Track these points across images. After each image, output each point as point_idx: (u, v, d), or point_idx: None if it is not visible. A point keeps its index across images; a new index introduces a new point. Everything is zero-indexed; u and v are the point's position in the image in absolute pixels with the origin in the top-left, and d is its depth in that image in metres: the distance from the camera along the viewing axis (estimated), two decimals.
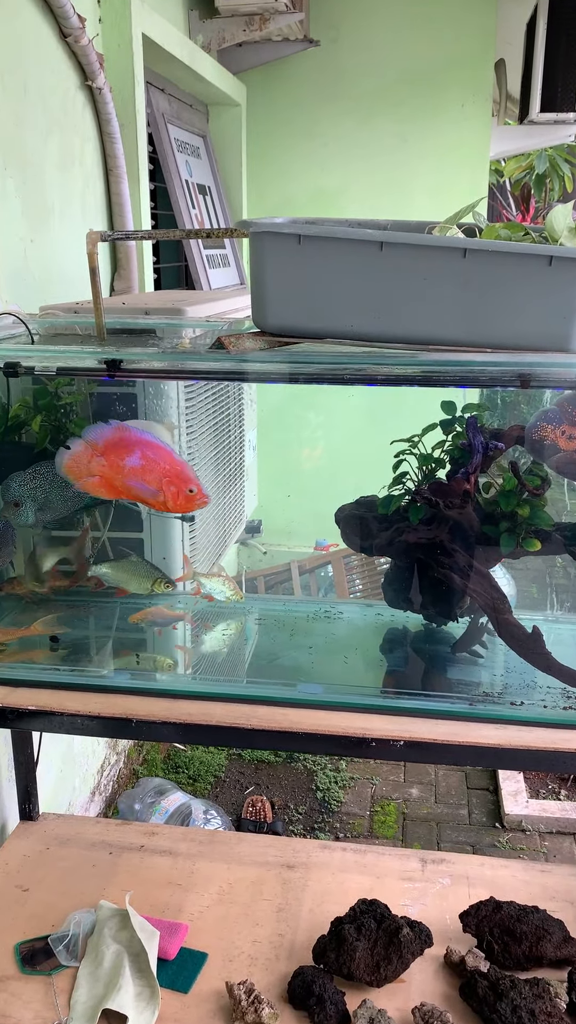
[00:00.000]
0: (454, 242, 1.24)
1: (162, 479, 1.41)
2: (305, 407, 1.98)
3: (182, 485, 1.42)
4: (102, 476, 1.44)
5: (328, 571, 2.28)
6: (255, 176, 4.35)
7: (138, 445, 1.42)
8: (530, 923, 1.71)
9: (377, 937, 1.67)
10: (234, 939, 1.79)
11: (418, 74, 4.21)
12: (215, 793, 3.25)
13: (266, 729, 1.32)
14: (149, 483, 1.43)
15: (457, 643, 1.55)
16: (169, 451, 1.44)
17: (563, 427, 1.35)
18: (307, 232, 1.25)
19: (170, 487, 1.42)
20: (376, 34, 4.18)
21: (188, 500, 1.43)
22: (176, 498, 1.43)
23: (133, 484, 1.43)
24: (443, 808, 3.19)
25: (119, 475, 1.43)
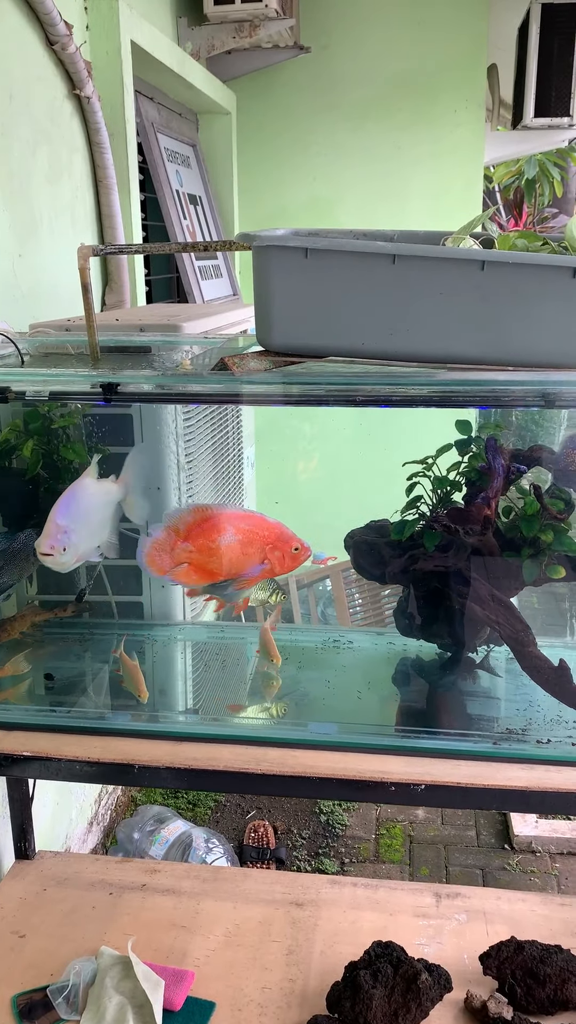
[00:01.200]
0: (472, 254, 1.17)
1: (265, 548, 1.32)
2: (301, 419, 1.91)
3: (287, 546, 1.34)
4: (192, 563, 1.35)
5: (327, 585, 2.21)
6: (247, 186, 4.29)
7: (226, 521, 1.33)
8: (554, 964, 1.63)
9: (394, 984, 1.58)
10: (242, 986, 1.70)
11: (410, 80, 4.16)
12: (216, 818, 3.16)
13: (277, 774, 1.24)
14: (252, 556, 1.33)
15: (441, 670, 1.48)
16: (259, 516, 1.35)
17: None
18: (314, 245, 1.17)
19: (275, 552, 1.34)
20: (367, 40, 4.13)
21: (295, 559, 1.35)
22: (283, 562, 1.34)
23: (236, 564, 1.34)
24: (450, 830, 3.10)
25: (213, 558, 1.33)
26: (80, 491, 1.39)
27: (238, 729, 1.37)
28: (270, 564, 1.32)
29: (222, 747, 1.29)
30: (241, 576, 1.35)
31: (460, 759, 1.26)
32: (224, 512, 1.34)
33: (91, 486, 1.41)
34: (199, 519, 1.34)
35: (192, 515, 1.35)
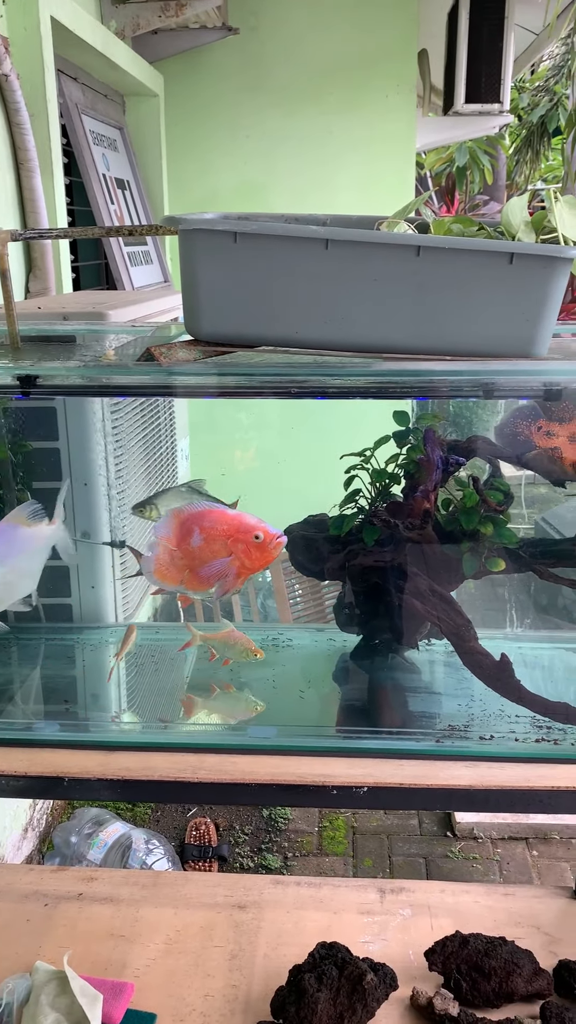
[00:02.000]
0: (407, 239, 1.13)
1: (226, 543, 1.23)
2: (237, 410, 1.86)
3: (247, 536, 1.23)
4: (190, 571, 1.26)
5: (267, 577, 2.17)
6: (176, 170, 4.19)
7: (192, 520, 1.24)
8: (499, 957, 1.61)
9: (340, 986, 1.55)
10: (184, 995, 1.65)
11: (341, 64, 4.11)
12: (156, 817, 3.10)
13: (216, 782, 1.19)
14: (219, 555, 1.24)
15: (352, 654, 1.45)
16: (218, 508, 1.26)
17: (540, 423, 1.26)
18: (243, 229, 1.12)
19: (237, 545, 1.23)
20: (297, 22, 4.07)
21: (262, 550, 1.24)
22: (249, 555, 1.24)
23: (207, 566, 1.25)
24: (393, 819, 3.10)
25: (195, 561, 1.24)
26: (6, 540, 1.28)
27: (174, 736, 1.32)
28: (237, 558, 1.25)
29: (157, 755, 1.23)
30: (218, 578, 1.25)
31: (403, 758, 1.23)
32: (192, 512, 1.26)
33: (20, 533, 1.30)
34: (179, 523, 1.26)
35: (174, 519, 1.26)
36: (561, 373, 1.17)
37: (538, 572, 1.31)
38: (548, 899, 1.88)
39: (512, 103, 9.10)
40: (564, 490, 1.35)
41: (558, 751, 1.23)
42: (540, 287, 1.11)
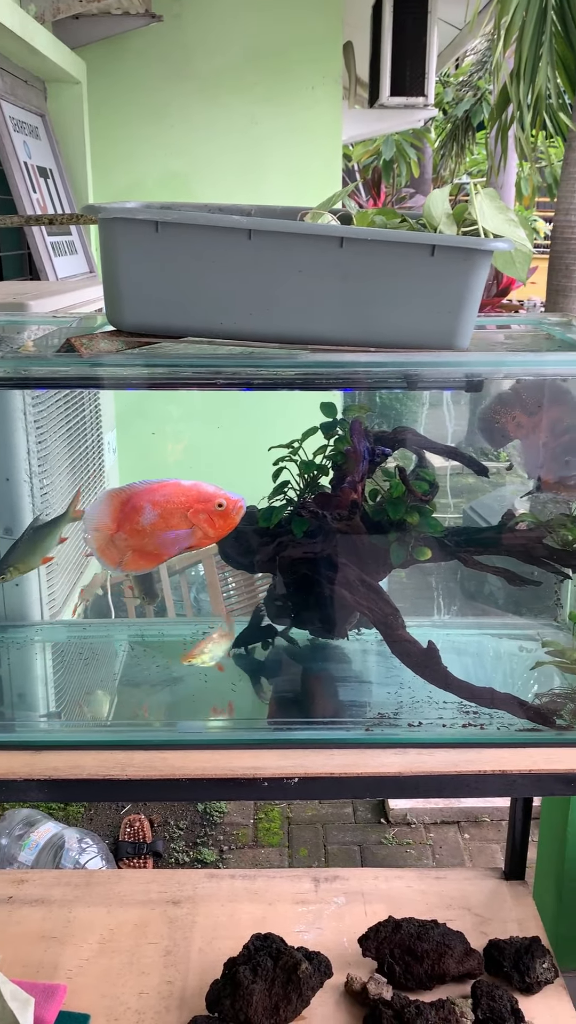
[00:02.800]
0: (330, 230, 1.13)
1: (187, 513, 1.22)
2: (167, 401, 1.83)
3: (208, 506, 1.22)
4: (134, 551, 1.24)
5: (200, 570, 2.15)
6: (100, 158, 4.11)
7: (140, 498, 1.22)
8: (431, 940, 1.64)
9: (274, 976, 1.56)
10: (118, 994, 1.64)
11: (266, 55, 4.09)
12: (89, 816, 3.06)
13: (145, 779, 1.17)
14: (179, 527, 1.22)
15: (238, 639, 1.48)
16: (172, 482, 1.24)
17: (515, 413, 1.29)
18: (164, 218, 1.10)
19: (199, 516, 1.22)
20: (221, 11, 4.03)
21: (225, 516, 1.23)
22: (212, 523, 1.22)
23: (165, 541, 1.23)
24: (328, 808, 3.12)
25: (146, 539, 1.22)
26: None
27: (102, 734, 1.30)
28: (200, 529, 1.23)
29: (85, 754, 1.21)
30: (180, 549, 1.25)
31: (333, 748, 1.23)
32: (137, 489, 1.24)
33: None
34: (120, 504, 1.24)
35: (110, 503, 1.25)
36: (482, 364, 1.19)
37: (463, 560, 1.33)
38: (478, 881, 1.92)
39: (437, 97, 9.20)
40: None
41: (484, 736, 1.25)
42: (461, 279, 1.12)
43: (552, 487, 1.30)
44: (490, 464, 1.48)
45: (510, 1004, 1.54)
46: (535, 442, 1.33)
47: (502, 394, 1.41)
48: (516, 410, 1.39)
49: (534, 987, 1.62)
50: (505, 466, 1.41)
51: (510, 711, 1.26)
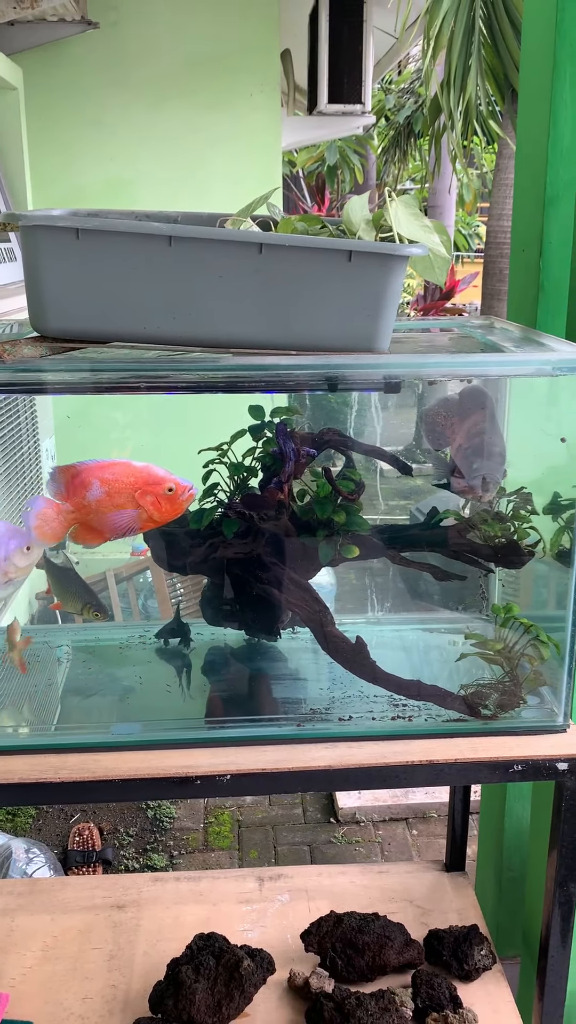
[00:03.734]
0: (249, 236, 1.15)
1: (133, 495, 1.22)
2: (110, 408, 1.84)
3: (158, 489, 1.23)
4: (80, 525, 1.24)
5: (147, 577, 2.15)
6: (39, 166, 4.09)
7: (89, 473, 1.22)
8: (371, 932, 1.67)
9: (217, 974, 1.57)
10: (62, 999, 1.64)
11: (205, 62, 4.11)
12: (38, 826, 3.04)
13: (78, 781, 1.18)
14: (124, 507, 1.23)
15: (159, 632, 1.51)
16: (124, 462, 1.24)
17: (450, 417, 1.33)
18: (86, 226, 1.12)
19: (146, 498, 1.22)
20: (159, 19, 4.04)
21: (173, 501, 1.23)
22: (159, 507, 1.23)
23: (109, 519, 1.23)
24: (278, 810, 3.14)
25: (91, 515, 1.23)
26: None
27: (34, 738, 1.31)
28: (146, 512, 1.24)
29: (16, 758, 1.21)
30: (122, 529, 1.26)
31: (266, 744, 1.25)
32: (88, 465, 1.25)
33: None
34: (70, 478, 1.26)
35: (63, 475, 1.26)
36: (399, 366, 1.22)
37: (390, 557, 1.36)
38: (420, 874, 1.96)
39: (379, 104, 9.32)
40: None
41: (412, 727, 1.28)
42: (378, 283, 1.15)
43: (464, 491, 1.34)
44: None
45: (448, 991, 1.58)
46: (457, 444, 1.37)
47: (443, 397, 1.45)
48: (449, 414, 1.43)
49: (472, 974, 1.66)
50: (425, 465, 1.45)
51: (437, 703, 1.29)
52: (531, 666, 1.31)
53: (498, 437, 1.37)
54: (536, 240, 1.58)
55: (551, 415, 1.32)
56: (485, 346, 1.41)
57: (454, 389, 1.53)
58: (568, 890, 1.32)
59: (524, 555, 1.35)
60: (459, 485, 1.34)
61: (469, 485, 1.31)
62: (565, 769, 1.25)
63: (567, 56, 1.50)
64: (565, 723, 1.30)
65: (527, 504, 1.36)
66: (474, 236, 11.13)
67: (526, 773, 1.25)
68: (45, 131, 4.09)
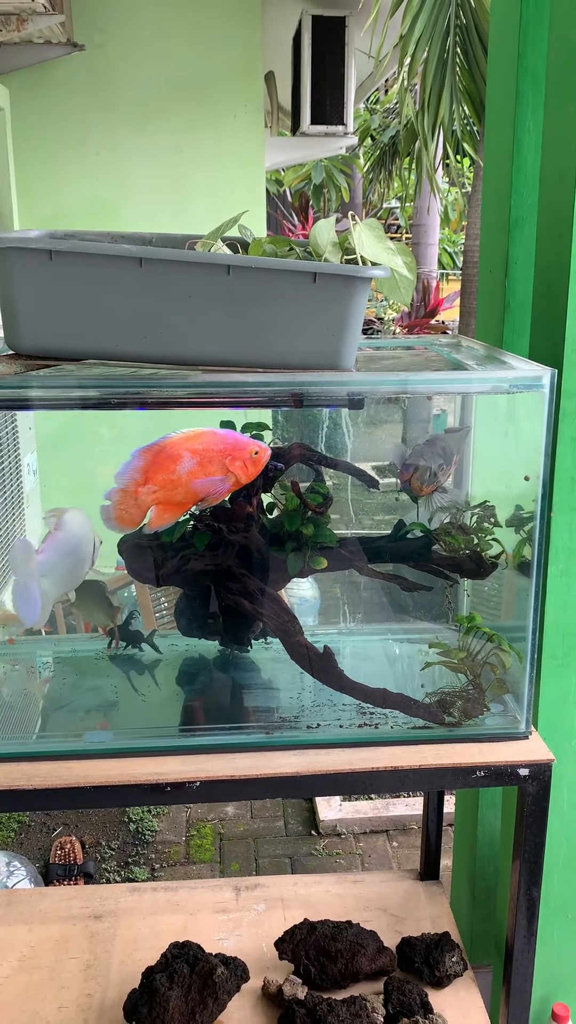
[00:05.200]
0: (216, 258, 1.19)
1: (224, 461, 1.27)
2: (95, 424, 1.87)
3: (245, 453, 1.27)
4: (160, 503, 1.28)
5: (131, 591, 2.18)
6: (25, 185, 4.15)
7: (175, 448, 1.27)
8: (344, 940, 1.69)
9: (191, 982, 1.59)
10: (38, 1009, 1.65)
11: (189, 83, 4.18)
12: (20, 840, 3.04)
13: (50, 788, 1.21)
14: (215, 474, 1.28)
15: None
16: (208, 431, 1.29)
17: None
18: (59, 248, 1.15)
19: (235, 463, 1.27)
20: (143, 41, 4.11)
21: (256, 463, 1.29)
22: (246, 470, 1.28)
23: (199, 486, 1.27)
24: (259, 823, 3.16)
25: (179, 488, 1.27)
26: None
27: (7, 747, 1.33)
28: (234, 476, 1.28)
29: None
30: (211, 496, 1.30)
31: (235, 752, 1.28)
32: (172, 440, 1.29)
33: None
34: (153, 456, 1.29)
35: (141, 459, 1.29)
36: (363, 384, 1.26)
37: (358, 568, 1.40)
38: (394, 883, 1.98)
39: (365, 124, 9.44)
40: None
41: (378, 735, 1.31)
42: (342, 304, 1.19)
43: (415, 488, 1.38)
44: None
45: (420, 997, 1.60)
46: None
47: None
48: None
49: (444, 980, 1.68)
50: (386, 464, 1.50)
51: (402, 710, 1.33)
52: (494, 674, 1.35)
53: (445, 438, 1.42)
54: (502, 261, 1.63)
55: (509, 431, 1.37)
56: (451, 364, 1.45)
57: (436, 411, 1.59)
58: (532, 893, 1.35)
59: (488, 566, 1.38)
60: (403, 476, 1.38)
61: (410, 475, 1.36)
62: (526, 775, 1.28)
63: (529, 85, 1.55)
64: (527, 730, 1.34)
65: (491, 517, 1.40)
66: (459, 254, 11.26)
67: (488, 778, 1.28)
68: (31, 151, 4.14)
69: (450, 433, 1.52)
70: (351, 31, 4.27)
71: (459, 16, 3.07)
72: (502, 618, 1.56)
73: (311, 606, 1.91)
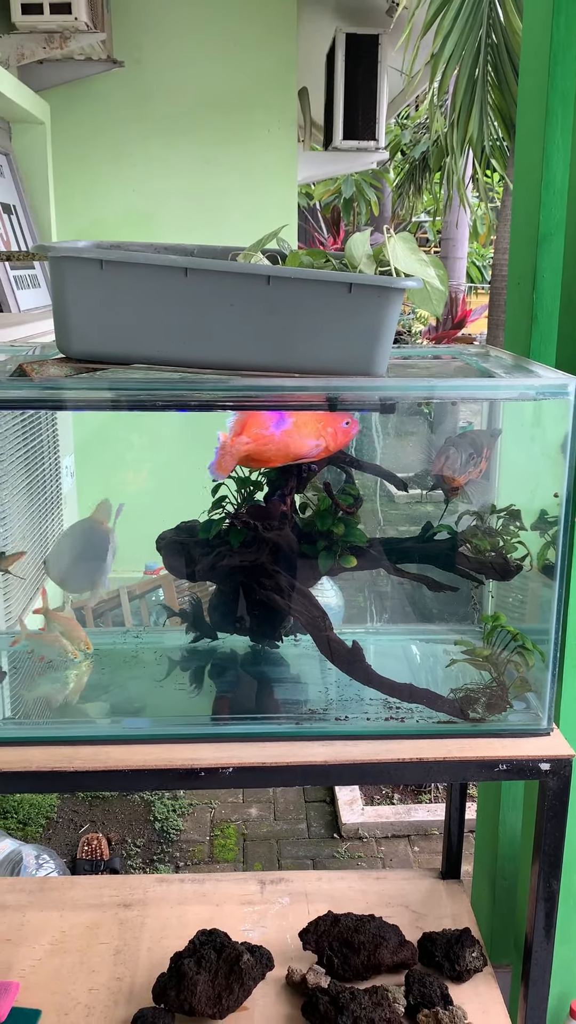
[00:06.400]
0: (257, 269, 1.26)
1: (317, 426, 1.38)
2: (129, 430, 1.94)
3: (337, 422, 1.40)
4: (252, 456, 1.39)
5: (160, 595, 2.24)
6: (64, 196, 4.25)
7: (274, 413, 1.38)
8: (367, 932, 1.74)
9: (218, 968, 1.64)
10: (69, 990, 1.71)
11: (224, 98, 4.27)
12: (48, 836, 3.11)
13: (90, 770, 1.27)
14: (307, 436, 1.39)
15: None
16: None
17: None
18: (109, 257, 1.22)
19: (327, 429, 1.39)
20: (180, 57, 4.21)
21: (346, 433, 1.42)
22: (336, 438, 1.41)
23: (293, 446, 1.38)
24: (282, 825, 3.20)
25: (271, 444, 1.38)
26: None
27: (49, 730, 1.39)
28: (324, 442, 1.40)
29: (34, 749, 1.30)
30: (300, 458, 1.41)
31: (266, 741, 1.34)
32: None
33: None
34: (247, 419, 1.39)
35: (243, 412, 1.39)
36: (393, 389, 1.32)
37: (386, 568, 1.45)
38: (416, 880, 2.02)
39: (395, 139, 9.52)
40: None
41: (403, 728, 1.36)
42: (376, 313, 1.25)
43: (447, 479, 1.43)
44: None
45: (440, 990, 1.64)
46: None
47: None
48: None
49: (464, 975, 1.72)
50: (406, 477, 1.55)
51: (427, 705, 1.38)
52: (517, 672, 1.39)
53: (478, 434, 1.47)
54: (530, 274, 1.68)
55: (535, 436, 1.41)
56: (479, 372, 1.50)
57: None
58: (551, 887, 1.39)
59: (512, 568, 1.43)
60: (435, 466, 1.44)
61: (442, 464, 1.41)
62: (547, 769, 1.32)
63: (559, 103, 1.60)
64: (549, 727, 1.38)
65: (516, 520, 1.45)
66: (487, 268, 11.30)
67: (510, 772, 1.32)
68: (69, 164, 4.25)
69: (482, 432, 1.56)
70: (384, 49, 4.35)
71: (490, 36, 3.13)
72: (526, 620, 1.60)
73: (336, 614, 1.96)
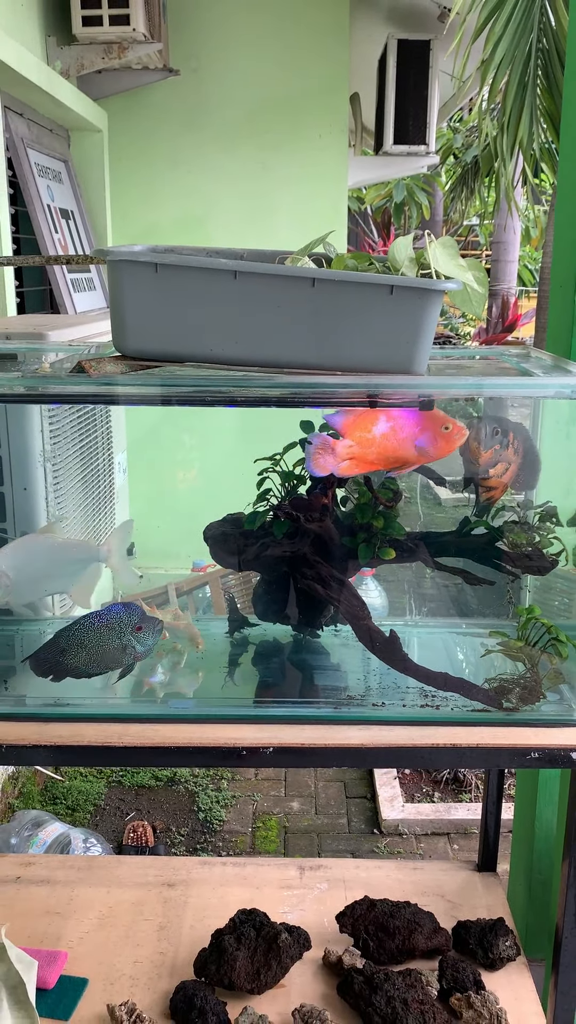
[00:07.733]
0: (303, 272, 1.31)
1: (416, 430, 1.39)
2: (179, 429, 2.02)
3: (436, 426, 1.38)
4: (354, 458, 1.40)
5: (206, 592, 2.31)
6: (119, 202, 4.37)
7: (375, 414, 1.39)
8: (402, 917, 1.78)
9: (256, 945, 1.70)
10: (115, 962, 1.79)
11: (276, 104, 4.35)
12: (95, 822, 3.21)
13: (138, 746, 1.34)
14: (407, 441, 1.40)
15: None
16: (402, 410, 1.40)
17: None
18: (163, 261, 1.29)
19: (425, 434, 1.39)
20: (235, 65, 4.30)
21: (448, 439, 1.40)
22: (436, 443, 1.40)
23: (392, 451, 1.39)
24: (323, 819, 3.26)
25: (372, 448, 1.40)
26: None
27: (101, 708, 1.47)
28: (426, 448, 1.40)
29: (87, 725, 1.38)
30: (402, 464, 1.42)
31: (305, 724, 1.39)
32: (364, 411, 1.41)
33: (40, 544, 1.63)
34: (351, 420, 1.41)
35: (345, 415, 1.41)
36: (433, 386, 1.37)
37: (424, 561, 1.50)
38: (453, 872, 2.06)
39: (447, 142, 9.52)
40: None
41: (439, 715, 1.40)
42: (416, 314, 1.30)
43: (472, 451, 1.47)
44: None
45: (473, 976, 1.68)
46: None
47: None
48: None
49: (497, 963, 1.75)
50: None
51: (462, 693, 1.42)
52: (551, 664, 1.43)
53: (511, 423, 1.51)
54: (572, 276, 1.72)
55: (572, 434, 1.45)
56: (519, 372, 1.55)
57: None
58: None
59: (548, 563, 1.47)
60: (475, 456, 1.47)
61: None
62: None
63: None
64: None
65: (552, 516, 1.49)
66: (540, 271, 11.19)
67: (542, 760, 1.36)
68: (125, 170, 4.37)
69: (508, 420, 1.58)
70: (435, 54, 4.39)
71: (540, 40, 3.15)
72: (562, 616, 1.64)
73: (379, 613, 2.01)
